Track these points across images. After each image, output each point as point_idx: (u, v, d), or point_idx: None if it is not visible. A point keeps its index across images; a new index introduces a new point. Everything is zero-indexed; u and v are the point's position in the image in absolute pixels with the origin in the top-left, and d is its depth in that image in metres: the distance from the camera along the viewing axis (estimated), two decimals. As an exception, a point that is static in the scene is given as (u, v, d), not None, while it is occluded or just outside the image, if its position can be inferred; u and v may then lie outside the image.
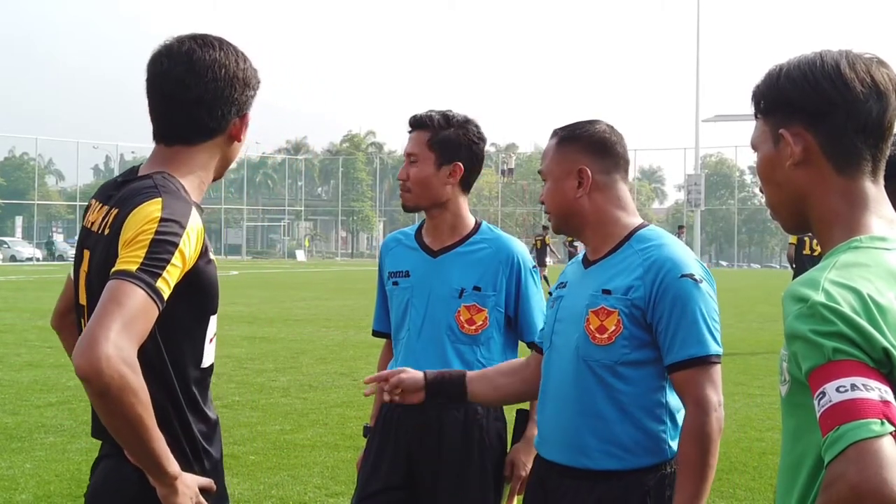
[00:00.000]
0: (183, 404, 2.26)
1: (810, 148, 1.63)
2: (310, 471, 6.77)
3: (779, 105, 1.66)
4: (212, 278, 2.27)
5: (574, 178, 2.63)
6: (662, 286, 2.49)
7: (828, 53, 1.64)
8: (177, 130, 2.32)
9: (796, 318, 1.46)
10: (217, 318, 2.36)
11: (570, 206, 2.65)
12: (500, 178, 73.21)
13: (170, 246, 2.09)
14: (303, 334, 15.36)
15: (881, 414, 1.35)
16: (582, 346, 2.56)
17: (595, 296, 2.56)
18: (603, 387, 2.54)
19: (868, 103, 1.59)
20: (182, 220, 2.14)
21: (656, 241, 2.59)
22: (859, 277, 1.48)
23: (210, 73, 2.30)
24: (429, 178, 3.16)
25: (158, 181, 2.23)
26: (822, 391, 1.40)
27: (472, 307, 3.12)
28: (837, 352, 1.40)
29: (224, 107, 2.31)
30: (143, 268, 2.06)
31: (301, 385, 10.35)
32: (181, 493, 2.14)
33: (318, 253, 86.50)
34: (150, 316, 2.05)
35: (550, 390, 2.65)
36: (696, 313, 2.48)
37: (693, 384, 2.45)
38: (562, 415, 2.60)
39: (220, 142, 2.34)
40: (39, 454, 7.06)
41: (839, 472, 1.34)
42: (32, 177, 77.46)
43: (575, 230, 2.72)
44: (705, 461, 2.42)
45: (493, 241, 3.20)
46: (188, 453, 2.26)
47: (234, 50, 2.36)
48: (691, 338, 2.46)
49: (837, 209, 1.62)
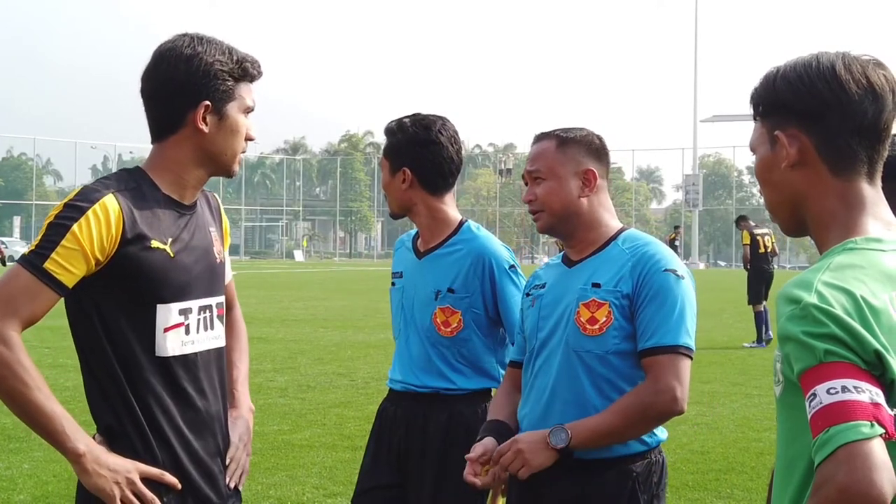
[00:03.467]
0: (129, 392, 2.26)
1: (806, 149, 1.63)
2: (308, 471, 6.78)
3: (775, 107, 1.66)
4: (150, 266, 2.26)
5: (579, 179, 2.69)
6: (647, 277, 2.59)
7: (824, 55, 1.63)
8: (151, 128, 2.39)
9: (789, 319, 1.47)
10: (194, 308, 2.36)
11: (573, 206, 2.69)
12: (498, 178, 73.18)
13: (61, 229, 2.16)
14: (301, 334, 15.36)
15: (871, 416, 1.36)
16: (572, 338, 2.62)
17: (584, 289, 2.64)
18: (592, 377, 2.60)
19: (863, 105, 1.59)
20: (84, 206, 2.19)
21: (643, 239, 2.71)
22: (853, 279, 1.48)
23: (163, 65, 2.33)
24: (387, 186, 3.25)
25: (112, 175, 2.33)
26: (813, 393, 1.41)
27: (447, 309, 3.13)
28: (829, 353, 1.41)
29: (179, 98, 2.32)
30: (34, 251, 2.16)
31: (299, 385, 10.36)
32: (91, 472, 2.16)
33: (316, 253, 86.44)
34: (35, 295, 2.14)
35: (537, 385, 2.69)
36: (674, 305, 2.58)
37: (659, 368, 2.54)
38: (549, 407, 2.64)
39: (187, 134, 2.34)
40: (37, 455, 7.05)
41: (829, 474, 1.35)
42: (30, 177, 77.40)
43: (568, 231, 2.74)
44: (626, 424, 2.53)
45: (468, 243, 3.19)
46: (134, 442, 2.26)
47: (204, 41, 2.35)
48: (665, 327, 2.56)
49: (834, 211, 1.62)
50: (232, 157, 2.40)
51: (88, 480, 2.17)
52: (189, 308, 2.35)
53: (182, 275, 2.32)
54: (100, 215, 2.18)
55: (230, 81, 2.34)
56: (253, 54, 2.45)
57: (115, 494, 2.17)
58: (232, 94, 2.35)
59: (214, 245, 2.47)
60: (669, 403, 2.53)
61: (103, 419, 2.31)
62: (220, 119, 2.34)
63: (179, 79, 2.31)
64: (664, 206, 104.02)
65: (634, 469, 2.61)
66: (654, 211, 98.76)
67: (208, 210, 2.52)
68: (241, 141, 2.40)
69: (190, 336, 2.34)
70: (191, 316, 2.35)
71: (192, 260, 2.36)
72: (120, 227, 2.21)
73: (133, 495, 2.19)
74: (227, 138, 2.37)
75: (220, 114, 2.34)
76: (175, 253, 2.31)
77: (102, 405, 2.30)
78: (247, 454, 2.55)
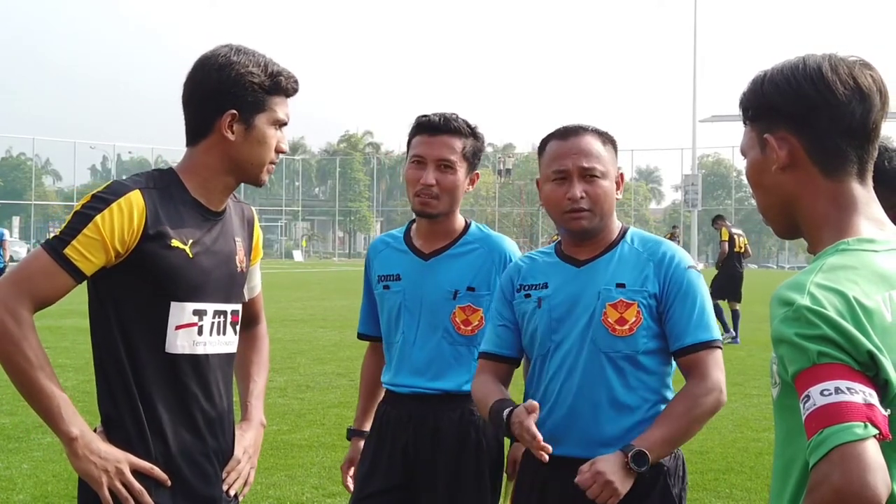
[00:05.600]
0: (132, 384, 2.30)
1: (795, 152, 1.63)
2: (307, 471, 6.78)
3: (764, 110, 1.67)
4: (168, 263, 2.31)
5: (614, 181, 2.72)
6: (673, 277, 2.65)
7: (810, 57, 1.64)
8: (186, 132, 2.44)
9: (782, 321, 1.47)
10: (209, 310, 2.39)
11: (614, 208, 2.73)
12: (497, 178, 73.12)
13: (85, 218, 2.23)
14: (300, 334, 15.39)
15: (864, 417, 1.36)
16: (601, 339, 2.63)
17: (608, 290, 2.64)
18: (623, 377, 2.63)
19: (851, 105, 1.59)
20: (111, 198, 2.26)
21: (654, 238, 2.76)
22: (846, 280, 1.49)
23: (198, 73, 2.39)
24: (460, 186, 3.18)
25: (144, 173, 2.39)
26: (807, 394, 1.41)
27: (468, 308, 3.12)
28: (822, 355, 1.41)
29: (208, 105, 2.38)
30: (57, 236, 2.23)
31: (298, 385, 10.37)
32: (81, 457, 2.21)
33: (315, 253, 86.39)
34: (52, 278, 2.21)
35: (555, 388, 2.67)
36: (703, 302, 2.66)
37: (704, 365, 2.61)
38: (576, 410, 2.64)
39: (215, 140, 2.39)
40: (37, 454, 7.06)
41: (823, 475, 1.36)
42: (29, 177, 77.32)
43: (598, 231, 2.71)
44: (690, 427, 2.57)
45: (484, 241, 3.19)
46: (129, 433, 2.30)
47: (241, 53, 2.39)
48: (701, 324, 2.63)
49: (826, 212, 1.62)
50: (258, 167, 2.43)
51: (78, 464, 2.22)
52: (204, 310, 2.38)
53: (198, 276, 2.36)
54: (123, 209, 2.25)
55: (260, 93, 2.37)
56: (290, 69, 2.45)
57: (103, 481, 2.21)
58: (261, 106, 2.38)
59: (237, 254, 2.50)
60: (720, 397, 2.61)
61: (104, 407, 2.34)
62: (246, 129, 2.38)
63: (210, 86, 2.36)
64: (663, 207, 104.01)
65: (665, 464, 2.63)
66: (653, 211, 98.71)
67: (239, 220, 2.56)
68: (269, 152, 2.42)
69: (202, 337, 2.38)
70: (205, 318, 2.39)
71: (211, 264, 2.40)
72: (142, 222, 2.27)
73: (121, 485, 2.22)
74: (254, 148, 2.40)
75: (247, 123, 2.38)
76: (194, 254, 2.35)
77: (105, 395, 2.34)
78: (251, 466, 2.56)
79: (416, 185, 3.12)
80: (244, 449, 2.56)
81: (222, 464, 2.47)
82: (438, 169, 3.10)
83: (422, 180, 3.10)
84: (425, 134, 3.14)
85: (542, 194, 2.75)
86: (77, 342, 12.81)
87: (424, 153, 3.12)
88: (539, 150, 2.79)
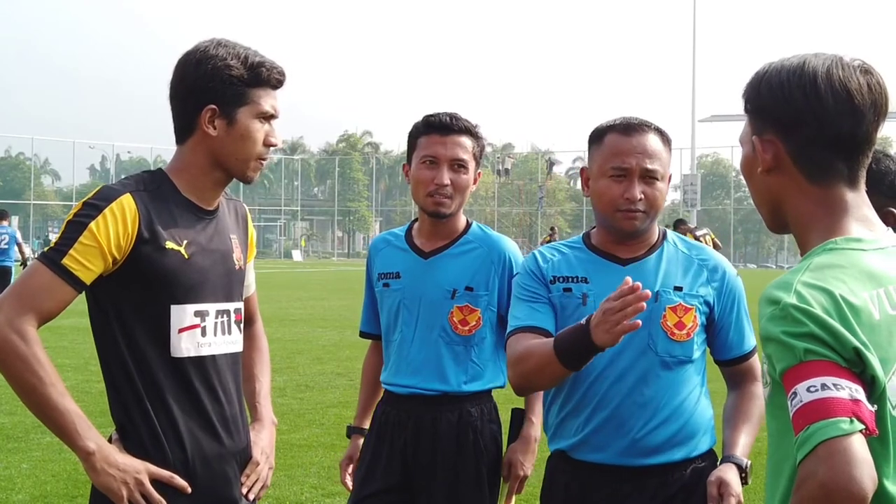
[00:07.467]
0: (142, 392, 2.27)
1: (780, 156, 1.63)
2: (306, 471, 6.79)
3: (756, 110, 1.66)
4: (164, 266, 2.28)
5: (667, 181, 2.65)
6: (728, 286, 2.66)
7: (810, 62, 1.61)
8: (174, 131, 2.39)
9: (769, 320, 1.48)
10: (211, 311, 2.37)
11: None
12: (497, 178, 73.07)
13: (79, 227, 2.19)
14: (299, 334, 15.37)
15: (850, 412, 1.37)
16: (660, 343, 2.56)
17: (667, 292, 2.58)
18: (678, 382, 2.59)
19: (839, 117, 1.57)
20: (102, 204, 2.22)
21: (696, 244, 2.73)
22: (832, 278, 1.49)
23: (179, 70, 2.35)
24: (469, 187, 3.18)
25: (133, 176, 2.35)
26: (794, 391, 1.42)
27: (465, 308, 3.11)
28: (809, 352, 1.42)
29: (189, 101, 2.33)
30: (53, 248, 2.20)
31: (297, 385, 10.37)
32: (100, 471, 2.17)
33: (314, 253, 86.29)
34: (53, 291, 2.17)
35: (602, 389, 2.58)
36: (747, 309, 2.72)
37: (756, 368, 2.71)
38: (624, 413, 2.56)
39: (199, 137, 2.35)
40: (36, 454, 7.07)
41: (809, 471, 1.36)
42: (28, 177, 77.33)
43: (647, 230, 2.64)
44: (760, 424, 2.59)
45: (484, 241, 3.19)
46: (144, 441, 2.27)
47: (221, 46, 2.33)
48: (748, 332, 2.72)
49: (813, 214, 1.62)
50: (243, 162, 2.37)
51: (97, 479, 2.18)
52: (206, 311, 2.35)
53: (196, 276, 2.32)
54: (116, 214, 2.21)
55: (240, 86, 2.31)
56: (274, 60, 2.38)
57: (123, 494, 2.17)
58: (243, 99, 2.32)
59: (234, 252, 2.46)
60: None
61: (117, 416, 2.32)
62: (228, 123, 2.32)
63: (189, 82, 2.31)
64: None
65: (705, 466, 2.61)
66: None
67: (233, 218, 2.52)
68: (255, 147, 2.35)
69: (206, 338, 2.34)
70: (207, 318, 2.35)
71: (208, 263, 2.36)
72: (136, 226, 2.23)
73: (141, 496, 2.19)
74: (237, 143, 2.33)
75: (228, 118, 2.32)
76: (190, 255, 2.31)
77: (117, 404, 2.31)
78: (269, 467, 2.56)
79: (429, 185, 3.08)
80: (262, 450, 2.55)
81: (240, 464, 2.46)
82: (452, 169, 3.09)
83: (436, 180, 3.07)
84: (436, 134, 3.10)
85: (594, 187, 2.59)
86: (76, 342, 12.80)
87: (438, 153, 3.08)
88: (592, 139, 2.64)
